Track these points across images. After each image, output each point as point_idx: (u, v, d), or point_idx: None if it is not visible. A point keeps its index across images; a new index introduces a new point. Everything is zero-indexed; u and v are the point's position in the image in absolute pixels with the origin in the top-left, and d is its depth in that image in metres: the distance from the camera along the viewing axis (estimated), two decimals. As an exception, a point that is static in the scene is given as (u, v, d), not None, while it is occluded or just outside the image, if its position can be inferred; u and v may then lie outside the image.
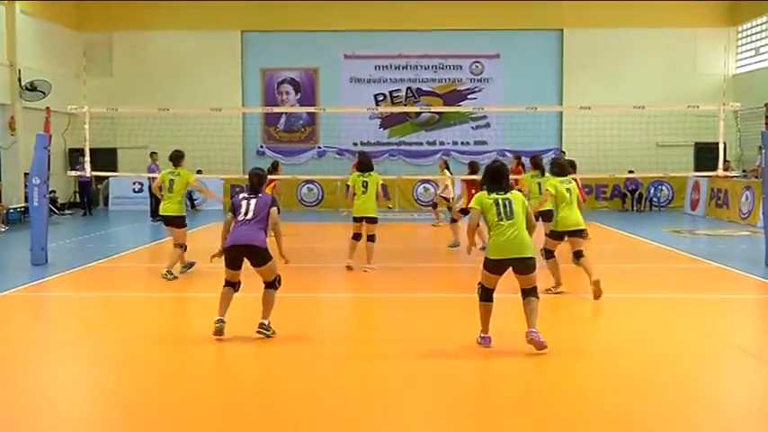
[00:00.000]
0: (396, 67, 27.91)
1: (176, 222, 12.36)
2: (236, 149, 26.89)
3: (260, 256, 8.18)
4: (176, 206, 12.35)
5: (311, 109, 27.18)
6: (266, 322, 8.22)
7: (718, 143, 14.53)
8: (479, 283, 7.75)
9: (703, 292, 11.35)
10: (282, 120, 28.13)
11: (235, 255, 8.20)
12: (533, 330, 7.49)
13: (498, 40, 27.60)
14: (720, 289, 11.63)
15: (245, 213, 8.23)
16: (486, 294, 7.72)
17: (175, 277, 11.94)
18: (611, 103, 24.07)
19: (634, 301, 10.46)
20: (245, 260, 8.23)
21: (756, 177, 20.32)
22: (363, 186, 12.68)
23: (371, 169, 12.91)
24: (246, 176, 8.74)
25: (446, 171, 18.74)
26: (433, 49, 27.73)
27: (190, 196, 26.45)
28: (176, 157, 12.65)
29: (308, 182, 26.50)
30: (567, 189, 10.38)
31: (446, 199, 19.09)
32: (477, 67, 27.88)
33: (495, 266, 7.59)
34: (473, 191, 14.83)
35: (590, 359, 7.65)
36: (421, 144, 27.73)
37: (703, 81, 26.69)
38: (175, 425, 5.81)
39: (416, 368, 7.20)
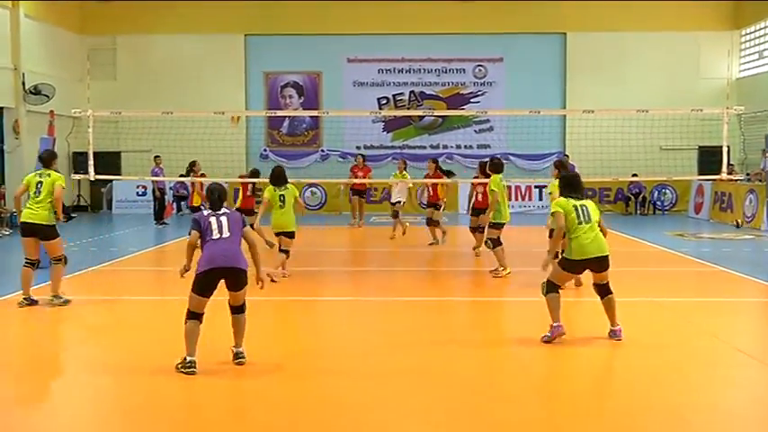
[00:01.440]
0: (399, 71, 27.92)
1: (45, 233, 10.30)
2: (239, 153, 26.91)
3: (242, 280, 7.35)
4: (45, 213, 10.22)
5: (314, 113, 27.20)
6: (242, 350, 7.48)
7: (721, 147, 14.53)
8: (547, 281, 8.29)
9: (707, 295, 11.36)
10: (286, 123, 28.16)
11: (213, 278, 7.28)
12: (618, 329, 8.25)
13: (501, 43, 27.62)
14: (724, 292, 11.64)
15: (220, 231, 7.32)
16: (554, 287, 8.24)
17: (67, 301, 10.25)
18: (614, 106, 24.09)
19: (638, 304, 10.44)
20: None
21: (760, 181, 20.31)
22: (281, 200, 12.16)
23: (286, 182, 12.41)
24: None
25: (405, 172, 18.62)
26: (436, 53, 27.75)
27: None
28: (48, 158, 10.74)
29: (311, 185, 26.52)
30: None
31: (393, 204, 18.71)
32: (480, 70, 27.89)
33: (577, 266, 8.23)
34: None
35: (593, 360, 7.67)
36: (424, 147, 27.70)
37: (707, 84, 26.66)
38: (177, 427, 5.82)
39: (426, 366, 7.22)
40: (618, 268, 13.39)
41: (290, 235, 12.26)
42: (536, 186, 26.66)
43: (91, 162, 14.84)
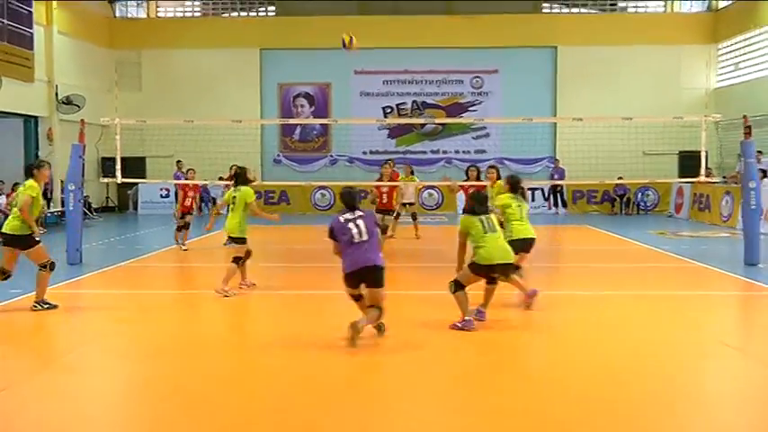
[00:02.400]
0: (402, 82, 27.94)
1: (20, 243, 9.42)
2: (254, 158, 26.91)
3: (381, 276, 7.62)
4: (17, 223, 9.39)
5: (324, 121, 27.21)
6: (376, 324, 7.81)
7: (700, 151, 14.49)
8: (455, 281, 8.34)
9: (687, 289, 11.33)
10: (298, 131, 28.18)
11: (357, 278, 7.62)
12: (485, 312, 8.61)
13: (497, 56, 27.59)
14: (703, 286, 11.60)
15: (360, 234, 7.52)
16: (460, 287, 8.35)
17: (53, 306, 9.53)
18: (601, 114, 24.07)
19: (622, 297, 10.43)
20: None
21: (736, 183, 20.24)
22: (232, 202, 10.63)
23: (245, 184, 10.76)
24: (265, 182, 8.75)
25: (412, 176, 18.10)
26: (436, 66, 27.74)
27: (213, 199, 26.55)
28: (28, 167, 10.11)
29: (321, 188, 26.51)
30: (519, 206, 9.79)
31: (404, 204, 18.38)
32: (477, 81, 27.88)
33: (483, 270, 8.37)
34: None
35: (579, 351, 7.63)
36: (425, 153, 27.74)
37: (687, 94, 26.65)
38: (201, 414, 5.82)
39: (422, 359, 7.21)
40: (604, 264, 13.49)
41: (237, 241, 10.69)
42: (529, 188, 26.48)
43: (118, 166, 14.85)
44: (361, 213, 7.71)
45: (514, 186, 9.85)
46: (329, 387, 6.39)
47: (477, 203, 8.67)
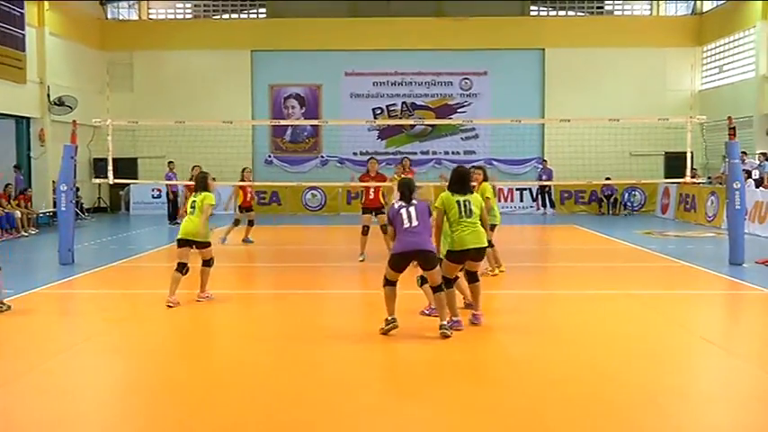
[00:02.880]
0: (392, 84, 27.96)
1: None
2: (246, 159, 26.86)
3: (431, 259, 7.94)
4: None
5: (315, 122, 27.21)
6: (445, 323, 7.89)
7: (685, 152, 14.56)
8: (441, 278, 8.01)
9: (673, 288, 11.38)
10: (288, 131, 28.16)
11: (404, 259, 7.96)
12: (480, 314, 8.34)
13: (486, 58, 27.66)
14: (688, 285, 11.66)
15: (410, 221, 7.89)
16: (449, 283, 8.08)
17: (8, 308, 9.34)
18: (588, 115, 24.15)
19: (610, 296, 10.48)
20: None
21: (720, 184, 20.35)
22: (191, 207, 10.31)
23: (205, 189, 10.45)
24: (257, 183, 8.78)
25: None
26: (426, 67, 27.78)
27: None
28: None
29: (311, 188, 26.51)
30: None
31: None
32: (466, 83, 27.93)
33: (460, 256, 8.10)
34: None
35: (567, 348, 7.66)
36: (415, 153, 27.67)
37: (672, 96, 26.79)
38: (194, 412, 5.82)
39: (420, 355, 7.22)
40: (592, 263, 13.54)
41: (200, 245, 10.25)
42: (517, 189, 26.70)
43: (110, 167, 14.81)
44: (414, 202, 8.08)
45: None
46: (323, 386, 6.40)
47: (458, 183, 8.31)
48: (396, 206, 8.08)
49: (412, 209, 7.97)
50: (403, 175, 18.01)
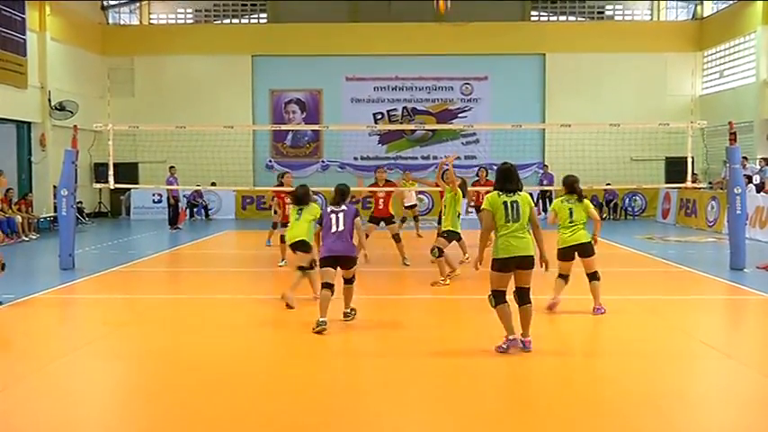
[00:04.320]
0: (393, 89, 27.99)
1: None
2: (246, 164, 26.91)
3: (351, 262, 8.67)
4: None
5: (315, 127, 27.24)
6: (348, 310, 8.94)
7: (686, 158, 14.55)
8: (491, 291, 7.45)
9: (674, 293, 11.38)
10: (289, 136, 28.19)
11: (331, 262, 8.56)
12: (528, 340, 7.49)
13: (486, 63, 27.70)
14: (689, 290, 11.66)
15: (336, 225, 8.55)
16: (499, 296, 7.43)
17: None
18: (589, 120, 24.09)
19: (611, 302, 10.44)
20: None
21: (721, 189, 20.36)
22: (297, 215, 10.56)
23: (308, 202, 10.73)
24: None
25: (412, 180, 19.09)
26: (426, 72, 27.82)
27: (205, 205, 26.53)
28: None
29: (312, 193, 26.45)
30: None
31: (411, 207, 19.61)
32: (467, 88, 27.97)
33: (507, 264, 7.35)
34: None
35: (567, 353, 7.68)
36: (416, 158, 27.78)
37: (673, 101, 26.79)
38: (193, 415, 5.82)
39: (425, 366, 7.23)
40: (597, 268, 13.44)
41: (301, 247, 10.39)
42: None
43: (111, 172, 14.82)
44: (344, 208, 8.77)
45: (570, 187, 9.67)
46: (322, 391, 6.40)
47: (505, 179, 7.55)
48: (328, 209, 8.81)
49: (341, 214, 8.63)
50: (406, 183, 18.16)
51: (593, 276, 9.48)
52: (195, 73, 27.80)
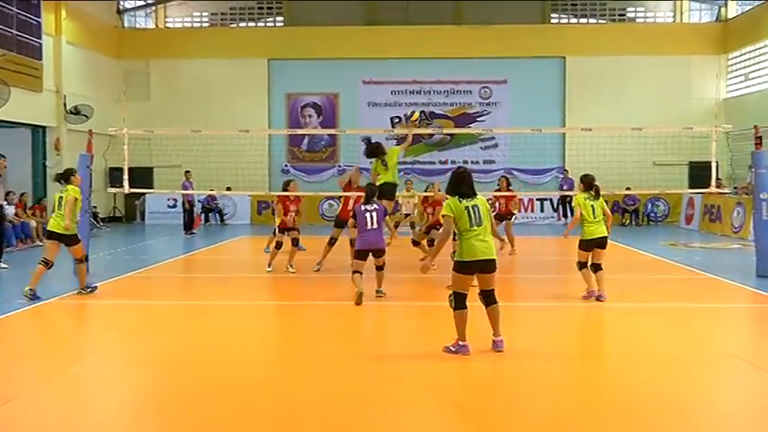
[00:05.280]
0: (410, 92, 27.98)
1: (65, 240, 11.22)
2: (262, 168, 26.98)
3: (382, 252, 10.86)
4: (60, 222, 11.12)
5: (332, 131, 27.27)
6: (380, 289, 10.91)
7: (710, 162, 14.43)
8: (453, 293, 7.61)
9: (699, 301, 11.25)
10: (305, 141, 28.23)
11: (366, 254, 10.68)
12: (500, 339, 7.73)
13: (505, 66, 27.62)
14: (715, 298, 11.52)
15: (371, 222, 10.57)
16: (460, 299, 7.59)
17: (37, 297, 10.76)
18: (610, 125, 24.04)
19: (633, 309, 10.37)
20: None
21: (747, 194, 20.15)
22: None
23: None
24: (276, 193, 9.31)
25: (413, 190, 19.12)
26: (444, 76, 27.79)
27: (220, 210, 26.60)
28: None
29: (329, 198, 26.52)
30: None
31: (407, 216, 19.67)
32: (485, 91, 27.90)
33: (469, 267, 7.54)
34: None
35: (592, 363, 7.58)
36: (434, 163, 27.75)
37: (697, 105, 26.58)
38: (206, 425, 5.79)
39: (412, 371, 7.18)
40: (614, 276, 13.37)
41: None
42: (538, 199, 26.61)
43: (126, 176, 14.87)
44: (376, 206, 10.71)
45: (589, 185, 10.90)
46: (342, 402, 6.35)
47: (462, 183, 7.69)
48: (362, 208, 10.70)
49: (374, 213, 10.60)
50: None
51: (599, 267, 10.80)
52: (211, 77, 27.91)
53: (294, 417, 5.91)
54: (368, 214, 10.65)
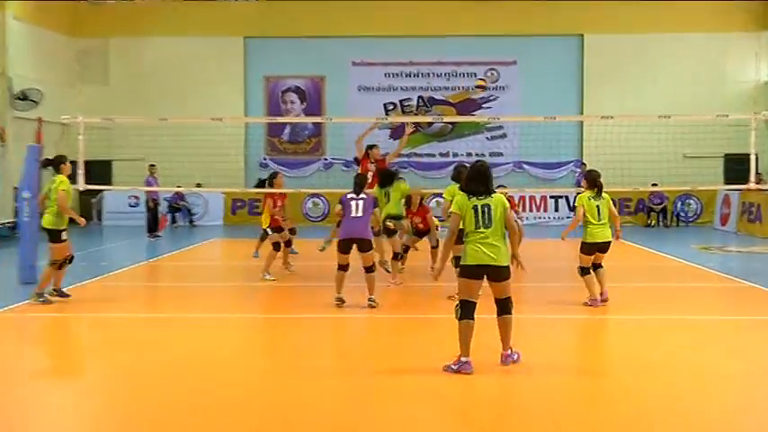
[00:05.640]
0: (406, 75, 27.94)
1: (49, 235, 11.69)
2: (237, 162, 26.90)
3: (367, 244, 11.09)
4: (52, 218, 11.66)
5: (317, 119, 27.23)
6: (372, 296, 11.05)
7: (749, 154, 14.43)
8: (459, 301, 7.74)
9: (735, 313, 11.24)
10: (287, 130, 28.16)
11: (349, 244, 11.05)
12: (510, 354, 7.88)
13: (515, 45, 27.59)
14: (753, 310, 11.48)
15: (356, 210, 11.01)
16: (467, 307, 7.64)
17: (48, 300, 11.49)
18: (634, 112, 24.03)
19: (661, 322, 10.35)
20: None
21: (791, 191, 20.19)
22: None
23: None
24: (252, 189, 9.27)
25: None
26: (445, 56, 27.75)
27: (189, 209, 26.53)
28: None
29: (313, 195, 26.47)
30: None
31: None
32: (492, 74, 27.87)
33: (474, 271, 7.68)
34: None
35: (618, 379, 7.58)
36: (433, 156, 27.70)
37: (733, 88, 26.60)
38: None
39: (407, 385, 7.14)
40: (640, 284, 13.40)
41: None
42: (551, 197, 26.59)
43: (81, 171, 14.80)
44: (363, 196, 11.18)
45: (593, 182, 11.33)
46: (325, 421, 6.31)
47: (475, 180, 7.86)
48: (348, 196, 11.22)
49: (360, 201, 11.09)
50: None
51: (599, 266, 11.34)
52: (179, 57, 27.78)
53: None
54: (353, 202, 11.12)
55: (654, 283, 13.91)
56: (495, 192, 7.84)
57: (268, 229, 14.47)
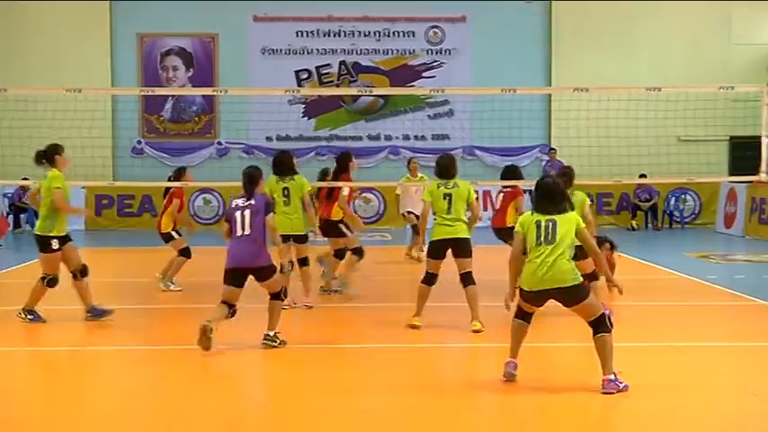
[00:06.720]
0: (324, 34, 27.95)
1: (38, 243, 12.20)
2: (103, 147, 26.51)
3: (266, 273, 10.02)
4: (41, 222, 12.10)
5: (207, 90, 27.13)
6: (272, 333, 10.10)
7: (759, 137, 14.67)
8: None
9: (741, 337, 11.39)
10: (168, 106, 27.95)
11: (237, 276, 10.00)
12: (610, 379, 8.46)
13: (464, -2, 27.80)
14: (764, 334, 11.69)
15: (243, 228, 9.85)
16: (520, 313, 8.83)
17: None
18: (616, 83, 24.31)
19: (651, 350, 10.47)
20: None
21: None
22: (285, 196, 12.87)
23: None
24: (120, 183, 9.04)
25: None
26: (375, 11, 27.83)
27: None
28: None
29: (203, 191, 26.26)
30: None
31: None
32: (435, 34, 28.03)
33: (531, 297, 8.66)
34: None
35: (599, 420, 7.69)
36: (360, 138, 27.73)
37: (740, 54, 27.10)
38: None
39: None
40: (624, 302, 13.51)
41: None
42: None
43: None
44: (252, 201, 9.98)
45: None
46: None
47: (545, 196, 8.80)
48: (233, 204, 10.14)
49: (247, 211, 9.92)
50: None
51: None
52: (25, 14, 27.38)
53: None
54: (238, 213, 10.01)
55: (641, 301, 13.99)
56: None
57: (173, 232, 15.06)
